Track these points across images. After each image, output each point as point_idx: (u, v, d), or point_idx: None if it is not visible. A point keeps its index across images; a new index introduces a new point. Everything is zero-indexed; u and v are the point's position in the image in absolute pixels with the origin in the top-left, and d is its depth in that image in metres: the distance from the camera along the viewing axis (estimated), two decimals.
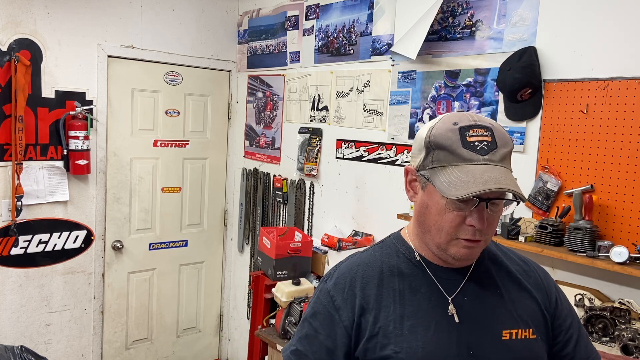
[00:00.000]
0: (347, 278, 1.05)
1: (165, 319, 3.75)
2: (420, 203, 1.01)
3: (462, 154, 0.92)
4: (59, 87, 3.11)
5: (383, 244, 1.12)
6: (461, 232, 0.95)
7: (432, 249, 1.01)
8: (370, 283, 1.03)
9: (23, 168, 2.99)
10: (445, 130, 0.95)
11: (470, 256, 0.99)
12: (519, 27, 2.12)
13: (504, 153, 0.94)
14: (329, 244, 2.77)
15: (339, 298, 1.04)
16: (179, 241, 3.77)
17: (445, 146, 0.94)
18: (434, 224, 0.97)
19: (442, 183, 0.93)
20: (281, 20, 3.42)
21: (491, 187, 0.89)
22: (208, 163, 3.87)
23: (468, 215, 0.94)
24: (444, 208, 0.95)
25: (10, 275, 3.06)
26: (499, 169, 0.92)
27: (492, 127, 0.95)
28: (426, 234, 1.01)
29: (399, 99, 2.62)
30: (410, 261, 1.05)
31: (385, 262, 1.06)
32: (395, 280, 1.03)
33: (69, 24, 3.12)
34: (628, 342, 1.65)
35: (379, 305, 1.01)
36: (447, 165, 0.93)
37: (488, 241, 1.01)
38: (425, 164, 0.97)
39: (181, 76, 3.64)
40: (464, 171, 0.91)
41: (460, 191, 0.89)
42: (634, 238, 1.79)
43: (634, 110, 1.79)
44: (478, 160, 0.92)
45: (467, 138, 0.93)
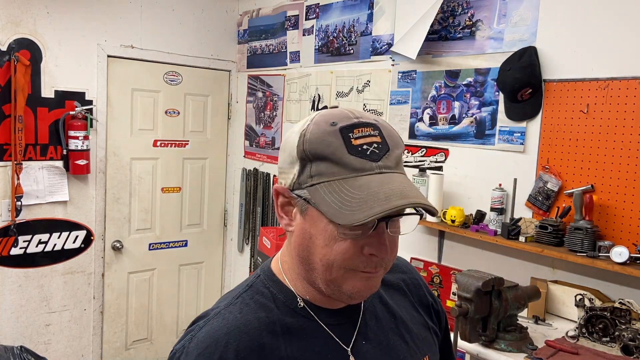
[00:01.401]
0: (217, 355, 0.74)
1: (165, 319, 3.75)
2: (300, 233, 0.76)
3: (349, 163, 0.71)
4: (58, 87, 3.11)
5: (252, 290, 0.83)
6: (358, 264, 0.74)
7: (321, 287, 0.77)
8: (249, 358, 0.74)
9: (23, 168, 2.98)
10: (322, 133, 0.73)
11: (369, 289, 0.77)
12: (519, 27, 2.12)
13: (398, 156, 0.75)
14: None
15: None
16: (178, 241, 3.76)
17: (325, 155, 0.72)
18: (321, 258, 0.74)
19: (329, 205, 0.70)
20: (281, 20, 3.42)
21: (398, 203, 0.68)
22: (208, 163, 3.87)
23: (365, 242, 0.73)
24: (334, 236, 0.72)
25: (9, 276, 3.05)
26: (397, 177, 0.72)
27: (379, 124, 0.75)
28: (312, 272, 0.77)
29: (399, 99, 2.62)
30: (293, 311, 0.80)
31: (262, 320, 0.78)
32: (281, 344, 0.77)
33: (68, 24, 3.12)
34: (628, 342, 1.65)
35: None
36: (332, 179, 0.71)
37: (389, 267, 0.79)
38: (301, 180, 0.74)
39: (181, 76, 3.64)
40: (356, 186, 0.70)
41: (358, 214, 0.68)
42: (634, 238, 1.78)
43: (634, 110, 1.79)
44: (371, 169, 0.71)
45: (352, 141, 0.72)
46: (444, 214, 2.27)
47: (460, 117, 2.35)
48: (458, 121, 2.36)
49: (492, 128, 2.21)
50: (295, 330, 0.79)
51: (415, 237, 2.55)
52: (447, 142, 2.41)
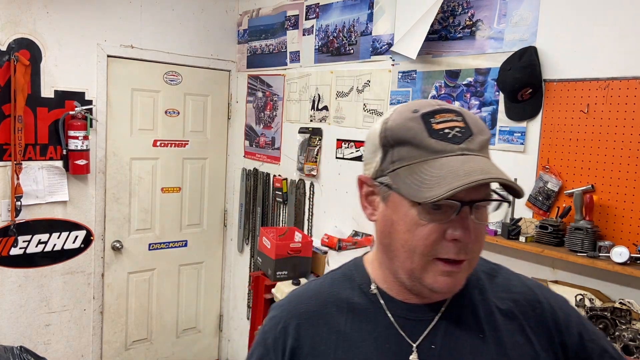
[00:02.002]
0: (286, 312, 0.85)
1: (164, 320, 3.75)
2: (383, 220, 0.78)
3: (430, 145, 0.71)
4: (58, 87, 3.11)
5: (339, 270, 0.90)
6: (441, 250, 0.72)
7: (402, 278, 0.78)
8: (310, 320, 0.83)
9: (22, 168, 2.98)
10: (404, 119, 0.74)
11: (452, 286, 0.75)
12: (519, 26, 2.12)
13: (483, 141, 0.74)
14: (329, 244, 2.77)
15: (271, 337, 0.85)
16: (178, 241, 3.76)
17: (407, 139, 0.73)
18: (403, 244, 0.74)
19: (409, 186, 0.71)
20: (281, 20, 3.42)
21: (478, 178, 0.67)
22: (208, 163, 3.87)
23: (448, 226, 0.71)
24: (416, 221, 0.72)
25: (9, 276, 3.05)
26: (480, 158, 0.72)
27: (462, 112, 0.76)
28: (394, 261, 0.77)
29: (399, 99, 2.62)
30: (365, 294, 0.83)
31: (334, 295, 0.84)
32: (342, 320, 0.81)
33: (68, 24, 3.12)
34: (629, 342, 1.65)
35: (314, 351, 0.81)
36: (413, 162, 0.72)
37: (474, 263, 0.77)
38: (383, 167, 0.75)
39: (181, 76, 3.64)
40: (437, 166, 0.70)
41: (436, 190, 0.68)
42: (634, 238, 1.78)
43: (634, 110, 1.79)
44: (452, 151, 0.71)
45: (433, 125, 0.73)
46: None
47: None
48: None
49: (492, 128, 2.21)
50: (359, 311, 0.82)
51: None
52: None
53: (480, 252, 0.77)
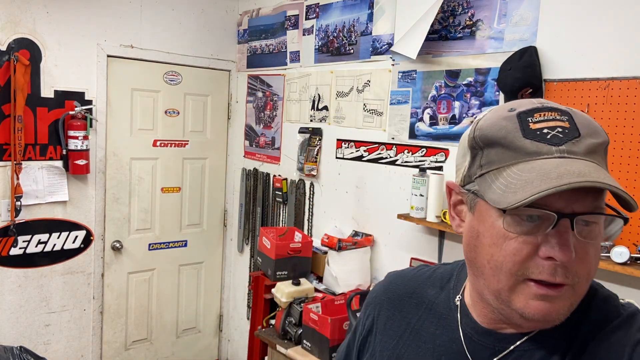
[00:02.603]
0: (381, 286, 0.90)
1: (164, 320, 3.75)
2: (469, 232, 0.68)
3: (523, 147, 0.61)
4: (58, 86, 3.10)
5: (450, 265, 0.85)
6: (533, 270, 0.60)
7: (489, 300, 0.67)
8: (391, 302, 0.85)
9: (22, 168, 2.98)
10: (497, 118, 0.65)
11: (548, 313, 0.61)
12: (519, 26, 2.11)
13: (592, 145, 0.61)
14: (329, 244, 2.77)
15: (367, 302, 0.90)
16: (178, 241, 3.76)
17: (496, 140, 0.63)
18: (489, 260, 0.63)
19: (494, 191, 0.61)
20: (281, 19, 3.42)
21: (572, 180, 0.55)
22: (208, 163, 3.87)
23: (543, 241, 0.60)
24: (504, 233, 0.61)
25: (9, 276, 3.05)
26: (583, 162, 0.59)
27: (570, 111, 0.65)
28: (479, 278, 0.67)
29: (399, 99, 2.62)
30: (449, 300, 0.78)
31: (422, 287, 0.83)
32: (417, 314, 0.80)
33: (68, 24, 3.12)
34: None
35: (384, 331, 0.83)
36: (503, 166, 0.62)
37: (581, 292, 0.62)
38: (471, 172, 0.66)
39: (181, 76, 3.64)
40: (527, 168, 0.59)
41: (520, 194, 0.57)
42: (634, 238, 1.78)
43: (635, 110, 1.78)
44: (549, 153, 0.59)
45: (530, 125, 0.62)
46: (444, 214, 2.27)
47: (461, 117, 2.34)
48: (458, 121, 2.35)
49: None
50: (435, 314, 0.78)
51: (415, 237, 2.54)
52: (448, 142, 2.40)
53: (589, 279, 0.63)
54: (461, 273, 0.80)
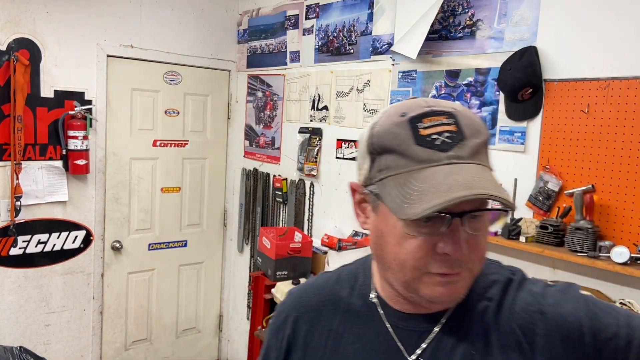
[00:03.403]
0: (289, 303, 0.88)
1: (164, 320, 3.75)
2: (374, 231, 0.74)
3: (415, 154, 0.66)
4: (58, 86, 3.10)
5: (349, 267, 0.89)
6: (432, 265, 0.68)
7: (399, 289, 0.74)
8: (306, 315, 0.84)
9: (22, 168, 2.98)
10: (390, 124, 0.69)
11: (451, 295, 0.70)
12: (519, 26, 2.11)
13: (476, 145, 0.68)
14: (329, 244, 2.76)
15: (274, 326, 0.89)
16: (178, 241, 3.76)
17: (392, 147, 0.68)
18: (394, 257, 0.70)
19: (393, 199, 0.67)
20: (281, 19, 3.41)
21: (458, 195, 0.62)
22: (207, 163, 3.86)
23: (439, 239, 0.67)
24: (404, 234, 0.68)
25: (9, 276, 3.05)
26: (469, 167, 0.66)
27: (456, 112, 0.69)
28: (387, 272, 0.73)
29: (399, 99, 2.62)
30: (364, 299, 0.81)
31: (335, 293, 0.84)
32: (336, 318, 0.81)
33: (68, 24, 3.11)
34: None
35: (306, 347, 0.82)
36: (399, 172, 0.67)
37: (476, 273, 0.72)
38: (372, 175, 0.71)
39: (180, 76, 3.64)
40: (420, 178, 0.65)
41: (415, 208, 0.63)
42: (634, 238, 1.78)
43: (635, 110, 1.78)
44: (439, 160, 0.66)
45: (420, 131, 0.67)
46: None
47: None
48: None
49: (493, 128, 2.21)
50: (354, 314, 0.81)
51: None
52: None
53: (482, 261, 0.72)
54: (366, 270, 0.84)
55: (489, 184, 0.64)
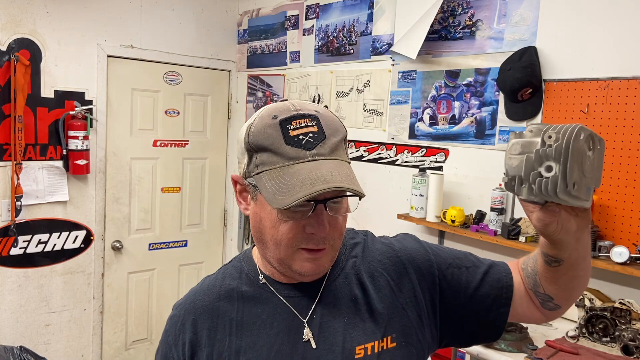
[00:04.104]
0: (182, 310, 0.94)
1: (164, 319, 3.73)
2: (254, 216, 0.86)
3: (286, 153, 0.79)
4: (58, 86, 3.11)
5: (230, 264, 0.99)
6: (302, 242, 0.82)
7: (275, 266, 0.88)
8: (204, 314, 0.91)
9: (22, 168, 2.98)
10: (264, 126, 0.81)
11: (317, 269, 0.85)
12: (519, 26, 2.12)
13: (334, 143, 0.82)
14: None
15: (172, 334, 0.94)
16: (178, 241, 3.76)
17: (266, 146, 0.80)
18: (271, 238, 0.84)
19: (268, 191, 0.79)
20: (281, 19, 3.42)
21: (319, 188, 0.76)
22: (208, 163, 3.87)
23: (306, 222, 0.81)
24: (278, 219, 0.82)
25: (9, 276, 3.05)
26: (328, 163, 0.79)
27: (318, 115, 0.83)
28: (266, 251, 0.87)
29: (399, 99, 2.62)
30: (254, 283, 0.92)
31: (224, 287, 0.93)
32: (234, 308, 0.90)
33: (68, 24, 3.12)
34: (628, 342, 1.65)
35: (212, 341, 0.89)
36: (272, 168, 0.80)
37: (337, 246, 0.87)
38: (250, 169, 0.83)
39: (181, 76, 3.64)
40: (290, 173, 0.78)
41: (286, 199, 0.76)
42: (634, 238, 1.78)
43: (634, 110, 1.79)
44: (305, 157, 0.79)
45: (289, 132, 0.80)
46: (444, 214, 2.27)
47: (461, 117, 2.34)
48: (458, 121, 2.35)
49: (492, 128, 2.21)
50: (249, 298, 0.91)
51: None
52: (447, 142, 2.40)
53: (341, 237, 0.87)
54: (248, 261, 0.96)
55: (343, 177, 0.79)
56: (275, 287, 0.91)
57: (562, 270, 0.85)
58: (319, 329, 0.87)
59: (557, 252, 0.83)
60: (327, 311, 0.89)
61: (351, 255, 0.95)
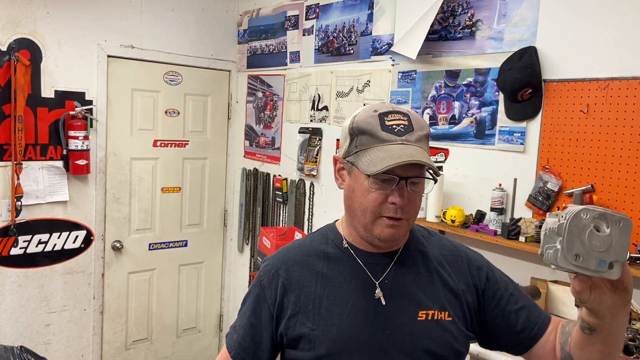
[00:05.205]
0: (276, 261, 1.13)
1: (165, 319, 3.75)
2: (348, 188, 1.06)
3: (381, 136, 1.00)
4: (58, 87, 3.11)
5: (319, 231, 1.19)
6: (384, 210, 1.01)
7: (360, 232, 1.06)
8: (295, 265, 1.10)
9: (23, 168, 2.98)
10: (366, 117, 1.03)
11: (394, 236, 1.03)
12: (519, 26, 2.12)
13: (420, 135, 1.01)
14: None
15: (266, 279, 1.11)
16: (178, 241, 3.76)
17: (366, 130, 1.01)
18: (359, 205, 1.03)
19: (364, 163, 1.00)
20: (281, 20, 3.42)
21: (405, 159, 0.95)
22: (208, 163, 3.87)
23: (390, 194, 1.00)
24: (368, 188, 1.00)
25: (9, 276, 3.05)
26: (414, 147, 0.99)
27: (409, 114, 1.04)
28: (354, 218, 1.06)
29: (399, 99, 2.62)
30: (338, 247, 1.11)
31: (314, 247, 1.13)
32: (320, 263, 1.10)
33: (68, 24, 3.12)
34: (628, 342, 1.65)
35: (300, 286, 1.08)
36: (369, 147, 1.00)
37: (412, 221, 1.06)
38: (350, 150, 1.04)
39: (181, 76, 3.64)
40: (383, 150, 0.98)
41: (378, 166, 0.96)
42: (634, 238, 1.78)
43: (634, 110, 1.79)
44: (395, 141, 0.99)
45: (385, 122, 1.01)
46: (444, 214, 2.27)
47: (460, 117, 2.35)
48: (458, 121, 2.36)
49: (492, 128, 2.21)
50: (333, 259, 1.10)
51: None
52: (447, 142, 2.41)
53: (416, 214, 1.06)
54: (332, 230, 1.15)
55: (425, 158, 0.98)
56: (356, 252, 1.10)
57: (592, 340, 0.96)
58: (389, 291, 1.06)
59: (592, 320, 0.93)
60: (397, 278, 1.07)
61: (420, 242, 1.14)
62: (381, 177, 0.98)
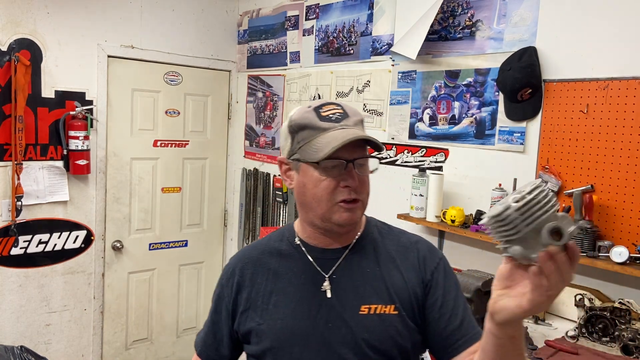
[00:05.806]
0: (235, 260, 1.20)
1: (165, 319, 3.75)
2: (298, 185, 1.09)
3: (321, 126, 1.04)
4: (58, 87, 3.11)
5: (278, 230, 1.24)
6: (338, 195, 1.04)
7: (317, 223, 1.09)
8: (250, 263, 1.17)
9: (23, 168, 2.99)
10: (302, 114, 1.08)
11: (352, 219, 1.06)
12: (519, 27, 2.12)
13: (356, 120, 1.08)
14: None
15: (225, 278, 1.19)
16: (178, 241, 3.76)
17: (305, 125, 1.05)
18: (313, 197, 1.06)
19: (309, 153, 1.03)
20: (281, 20, 3.42)
21: (349, 138, 1.00)
22: (208, 163, 3.87)
23: (341, 178, 1.03)
24: (318, 178, 1.04)
25: (10, 276, 3.05)
26: (354, 129, 1.05)
27: (341, 104, 1.11)
28: (309, 212, 1.09)
29: (399, 99, 2.62)
30: (291, 244, 1.16)
31: (270, 245, 1.18)
32: (272, 261, 1.15)
33: (68, 24, 3.12)
34: (628, 342, 1.65)
35: (253, 283, 1.14)
36: (311, 139, 1.04)
37: (365, 202, 1.09)
38: (293, 148, 1.08)
39: (181, 76, 3.64)
40: (325, 137, 1.03)
41: (325, 150, 1.00)
42: (634, 238, 1.78)
43: (634, 110, 1.79)
44: (335, 127, 1.04)
45: (321, 113, 1.06)
46: (444, 214, 2.27)
47: (460, 117, 2.35)
48: (458, 121, 2.36)
49: (492, 128, 2.21)
50: (286, 255, 1.15)
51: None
52: (447, 142, 2.41)
53: (368, 195, 1.09)
54: (289, 229, 1.19)
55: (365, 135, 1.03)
56: (307, 248, 1.14)
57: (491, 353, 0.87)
58: (337, 285, 1.09)
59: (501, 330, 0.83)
60: (346, 272, 1.10)
61: (372, 236, 1.16)
62: (330, 163, 1.02)
